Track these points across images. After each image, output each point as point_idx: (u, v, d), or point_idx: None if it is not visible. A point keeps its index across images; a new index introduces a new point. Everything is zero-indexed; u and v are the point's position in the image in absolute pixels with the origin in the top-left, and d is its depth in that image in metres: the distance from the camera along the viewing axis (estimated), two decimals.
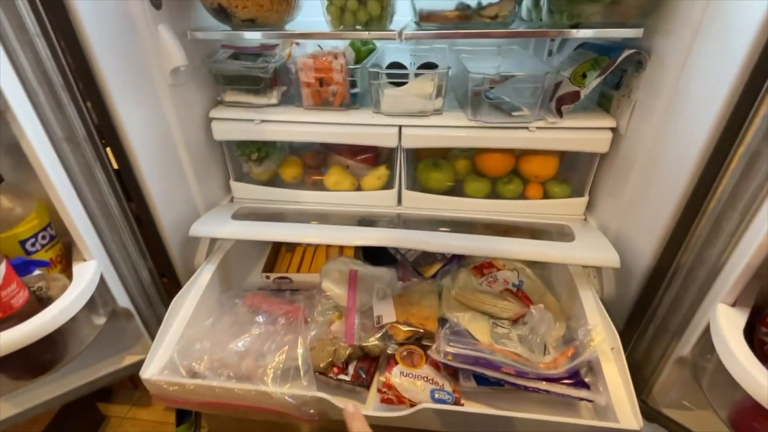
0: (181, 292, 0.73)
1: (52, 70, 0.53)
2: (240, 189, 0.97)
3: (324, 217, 0.91)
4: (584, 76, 0.77)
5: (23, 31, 0.49)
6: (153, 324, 0.77)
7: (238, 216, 0.88)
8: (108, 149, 0.67)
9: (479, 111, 0.79)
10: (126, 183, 0.71)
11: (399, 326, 0.73)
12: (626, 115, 0.75)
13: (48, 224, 0.57)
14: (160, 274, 0.83)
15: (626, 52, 0.70)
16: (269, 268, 0.95)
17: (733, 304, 0.50)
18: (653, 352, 0.68)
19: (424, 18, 0.76)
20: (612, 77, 0.80)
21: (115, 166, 0.69)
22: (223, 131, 0.87)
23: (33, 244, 0.54)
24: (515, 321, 0.76)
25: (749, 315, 0.49)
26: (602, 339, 0.64)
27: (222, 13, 0.76)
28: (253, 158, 0.93)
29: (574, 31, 0.68)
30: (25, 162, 0.52)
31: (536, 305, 0.72)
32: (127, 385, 1.27)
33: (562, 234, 0.82)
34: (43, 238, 0.55)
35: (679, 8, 0.61)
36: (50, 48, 0.52)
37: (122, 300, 0.69)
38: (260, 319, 0.75)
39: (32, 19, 0.50)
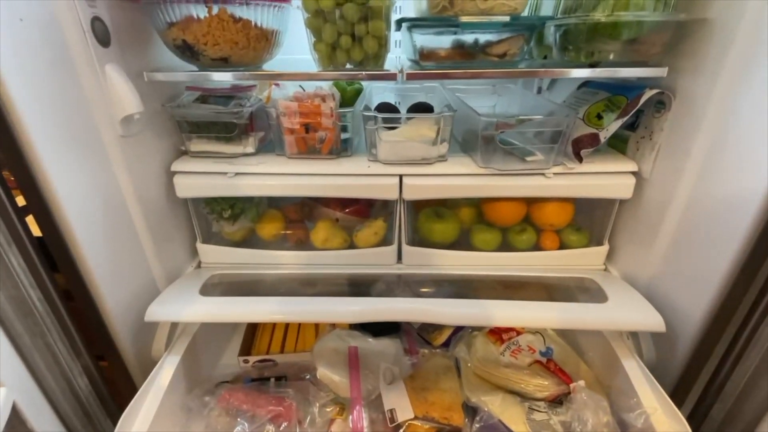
0: (131, 404, 0.55)
1: None
2: (208, 252, 0.81)
3: (311, 282, 0.77)
4: (599, 117, 0.71)
5: None
6: None
7: (208, 289, 0.71)
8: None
9: (492, 157, 0.70)
10: (53, 253, 0.54)
11: (419, 424, 0.59)
12: (649, 158, 0.68)
13: None
14: (98, 357, 0.64)
15: (649, 93, 0.64)
16: (246, 349, 0.78)
17: None
18: None
19: (424, 57, 0.68)
20: None
21: (38, 234, 0.53)
22: (189, 187, 0.73)
23: None
24: (551, 400, 0.64)
25: None
26: (666, 430, 0.53)
27: (188, 51, 0.64)
28: (225, 216, 0.78)
29: (598, 70, 0.61)
30: None
31: (578, 384, 0.61)
32: None
33: (585, 290, 0.73)
34: None
35: (711, 45, 0.56)
36: None
37: (48, 426, 0.51)
38: (241, 428, 0.58)
39: None
